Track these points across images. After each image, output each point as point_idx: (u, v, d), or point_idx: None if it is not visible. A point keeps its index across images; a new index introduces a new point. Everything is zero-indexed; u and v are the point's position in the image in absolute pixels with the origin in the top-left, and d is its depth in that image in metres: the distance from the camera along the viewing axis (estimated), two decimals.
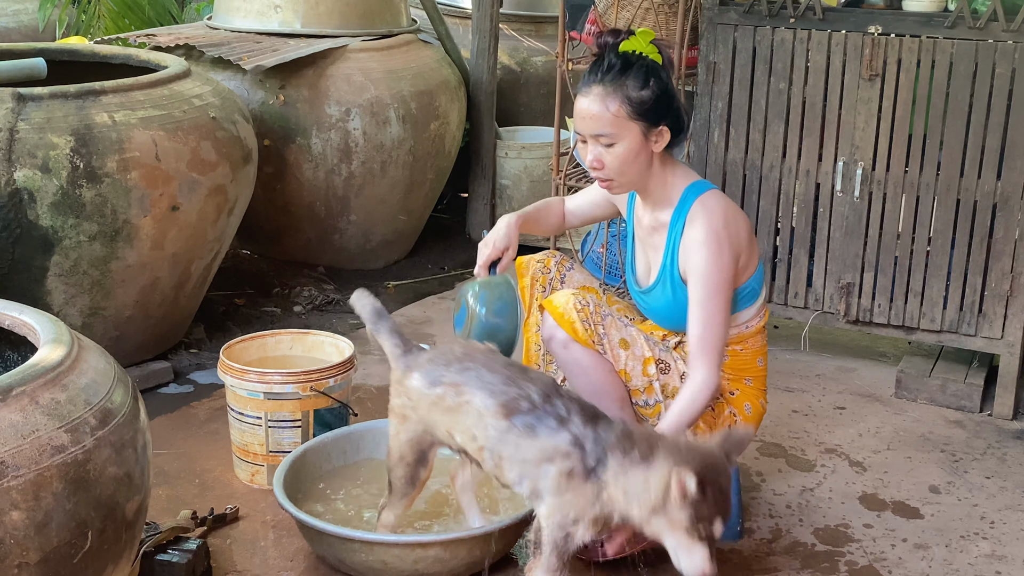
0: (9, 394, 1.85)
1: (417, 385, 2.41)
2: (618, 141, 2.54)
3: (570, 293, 2.62)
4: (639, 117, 2.53)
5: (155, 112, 3.39)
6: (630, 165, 2.57)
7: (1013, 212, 3.48)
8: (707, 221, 2.57)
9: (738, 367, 2.72)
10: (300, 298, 4.34)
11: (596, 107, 2.53)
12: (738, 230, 2.61)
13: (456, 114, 4.76)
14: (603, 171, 2.59)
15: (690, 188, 2.64)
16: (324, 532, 2.53)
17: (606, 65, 2.55)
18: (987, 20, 3.39)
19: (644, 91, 2.52)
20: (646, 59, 2.55)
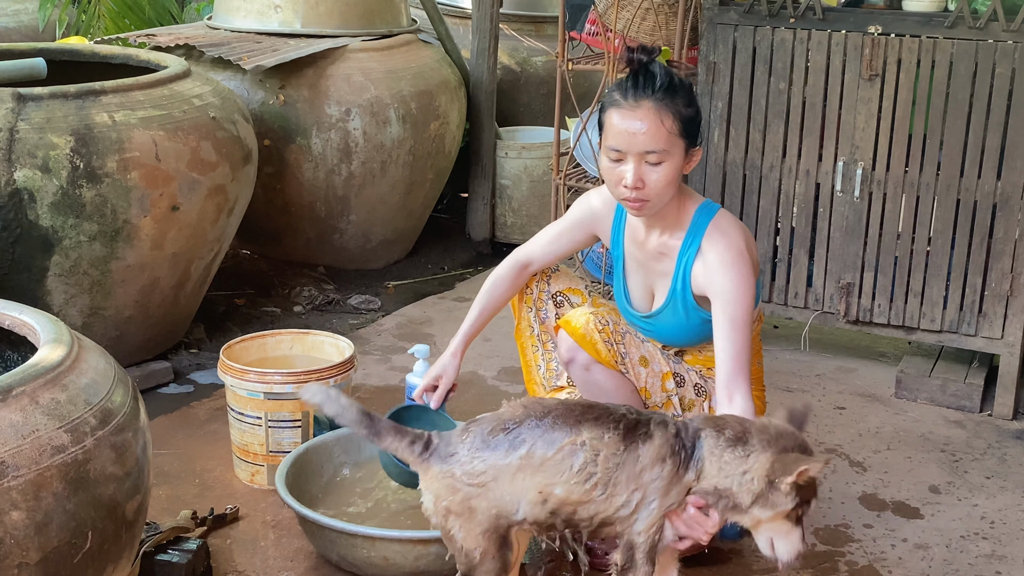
0: (9, 394, 1.85)
1: (486, 460, 2.11)
2: (667, 159, 2.40)
3: (588, 312, 2.57)
4: (686, 136, 2.42)
5: (155, 112, 3.39)
6: (671, 186, 2.44)
7: (1013, 212, 3.48)
8: (729, 243, 2.50)
9: None
10: (300, 298, 4.34)
11: (651, 121, 2.37)
12: (752, 247, 2.57)
13: (456, 114, 4.76)
14: (643, 191, 2.42)
15: (700, 210, 2.57)
16: (326, 527, 2.53)
17: (658, 80, 2.39)
18: (987, 20, 3.39)
19: (690, 108, 2.43)
20: (687, 79, 2.47)
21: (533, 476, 2.08)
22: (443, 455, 2.15)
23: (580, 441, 2.09)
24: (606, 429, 2.10)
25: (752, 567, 2.72)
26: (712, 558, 2.74)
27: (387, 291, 4.56)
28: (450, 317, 4.29)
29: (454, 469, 2.13)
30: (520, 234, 5.09)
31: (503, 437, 2.11)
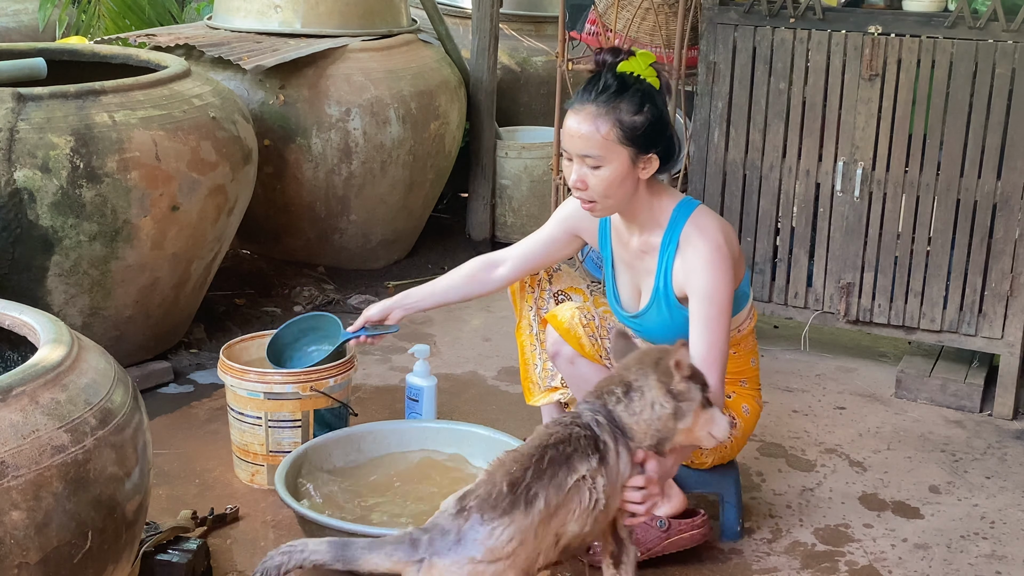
0: (9, 394, 1.85)
1: (510, 526, 1.98)
2: (605, 164, 2.45)
3: (575, 307, 2.59)
4: (629, 142, 2.44)
5: (155, 112, 3.39)
6: (615, 189, 2.48)
7: (1013, 212, 3.48)
8: (707, 240, 2.52)
9: (733, 370, 2.71)
10: (300, 298, 4.34)
11: (586, 127, 2.44)
12: (733, 243, 2.58)
13: (456, 114, 4.76)
14: (586, 192, 2.49)
15: (678, 208, 2.58)
16: (326, 527, 2.53)
17: (601, 85, 2.46)
18: (987, 20, 3.39)
19: (638, 116, 2.44)
20: (643, 83, 2.47)
21: (550, 523, 2.04)
22: (447, 545, 1.95)
23: (581, 476, 2.08)
24: (588, 456, 2.10)
25: (752, 567, 2.72)
26: (712, 558, 2.75)
27: (387, 291, 4.56)
28: (450, 317, 4.29)
29: (473, 553, 1.95)
30: (520, 234, 5.08)
31: (514, 498, 1.99)
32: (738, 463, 2.90)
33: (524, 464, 2.04)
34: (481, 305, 4.40)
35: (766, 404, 3.58)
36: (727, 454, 2.74)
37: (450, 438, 2.98)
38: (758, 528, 2.89)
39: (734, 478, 2.79)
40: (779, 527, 2.91)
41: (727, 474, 2.79)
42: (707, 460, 2.72)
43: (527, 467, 2.03)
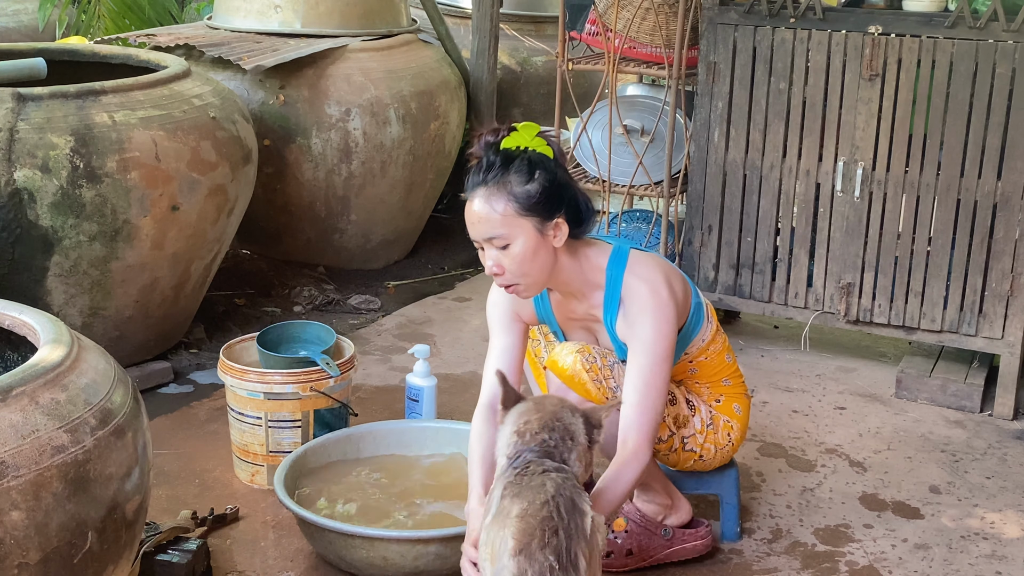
0: (9, 394, 1.85)
1: None
2: (512, 241, 2.39)
3: (575, 351, 2.52)
4: (528, 212, 2.38)
5: (155, 112, 3.39)
6: (530, 264, 2.39)
7: (1013, 212, 3.48)
8: (646, 290, 2.45)
9: (711, 373, 2.70)
10: (300, 298, 4.34)
11: (484, 209, 2.40)
12: (675, 287, 2.50)
13: (456, 114, 4.76)
14: (504, 276, 2.42)
15: (611, 263, 2.50)
16: (325, 528, 2.53)
17: (485, 164, 2.42)
18: (987, 20, 3.39)
19: (530, 185, 2.38)
20: (528, 152, 2.42)
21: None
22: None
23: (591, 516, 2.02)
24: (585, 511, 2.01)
25: (752, 567, 2.72)
26: (712, 558, 2.75)
27: (387, 291, 4.56)
28: (450, 317, 4.29)
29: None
30: None
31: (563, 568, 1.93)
32: (738, 464, 2.90)
33: (550, 526, 1.94)
34: (480, 305, 4.39)
35: (766, 404, 3.59)
36: (726, 457, 2.74)
37: (450, 438, 2.99)
38: (758, 528, 2.89)
39: (733, 479, 2.79)
40: (779, 527, 2.90)
41: (726, 475, 2.79)
42: (710, 466, 2.72)
43: (555, 528, 1.94)
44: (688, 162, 3.97)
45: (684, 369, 2.67)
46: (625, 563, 2.66)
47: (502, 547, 1.94)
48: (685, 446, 2.65)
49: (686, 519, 2.71)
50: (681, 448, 2.65)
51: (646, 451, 2.38)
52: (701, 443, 2.66)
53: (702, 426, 2.66)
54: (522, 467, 2.07)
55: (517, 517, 1.95)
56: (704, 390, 2.70)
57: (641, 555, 2.66)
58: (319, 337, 3.14)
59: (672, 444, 2.63)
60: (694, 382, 2.70)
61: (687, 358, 2.65)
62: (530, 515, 1.95)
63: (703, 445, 2.66)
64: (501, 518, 1.99)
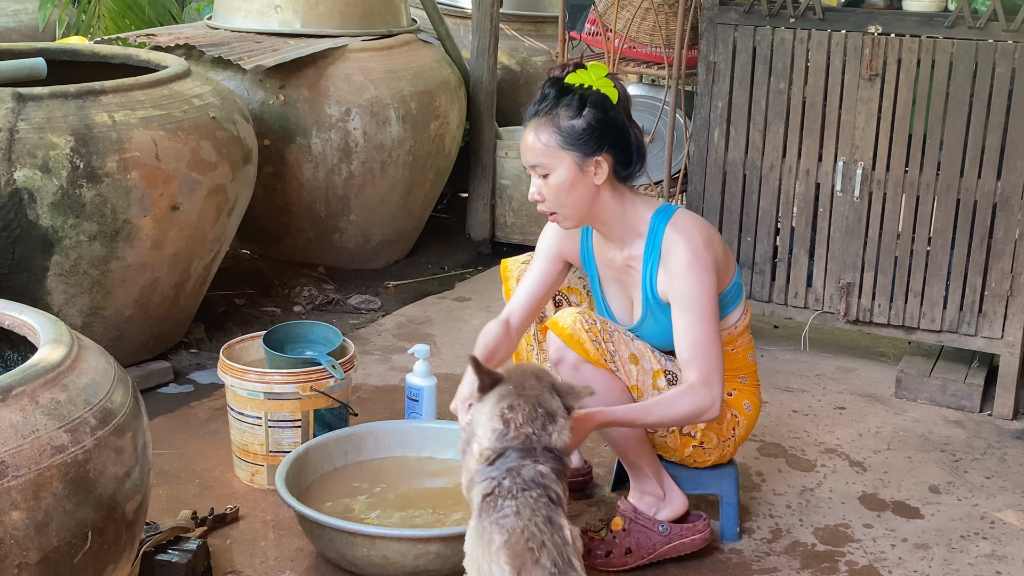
0: (9, 394, 1.85)
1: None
2: (551, 171, 2.49)
3: (575, 312, 2.56)
4: (570, 146, 2.47)
5: (155, 112, 3.39)
6: (566, 196, 2.51)
7: (1013, 212, 3.48)
8: (687, 246, 2.52)
9: (732, 367, 2.71)
10: (300, 298, 4.34)
11: (530, 137, 2.51)
12: (715, 246, 2.57)
13: (456, 114, 4.76)
14: (544, 203, 2.54)
15: (656, 215, 2.58)
16: (326, 526, 2.53)
17: (540, 96, 2.53)
18: (987, 20, 3.39)
19: (576, 120, 2.47)
20: (587, 89, 2.49)
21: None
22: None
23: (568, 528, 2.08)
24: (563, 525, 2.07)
25: (752, 567, 2.72)
26: (712, 558, 2.75)
27: (387, 291, 4.56)
28: (450, 317, 4.29)
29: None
30: (520, 234, 5.08)
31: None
32: (737, 463, 2.90)
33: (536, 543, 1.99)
34: (481, 305, 4.40)
35: (766, 404, 3.59)
36: (728, 453, 2.74)
37: (450, 438, 2.98)
38: (758, 528, 2.89)
39: (733, 478, 2.79)
40: (779, 527, 2.91)
41: (726, 475, 2.79)
42: (709, 458, 2.72)
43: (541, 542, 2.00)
44: (688, 162, 3.97)
45: None
46: (625, 561, 2.66)
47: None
48: (682, 429, 2.65)
49: (682, 511, 2.71)
50: (679, 430, 2.65)
51: (712, 399, 2.46)
52: (701, 428, 2.66)
53: None
54: (501, 475, 2.09)
55: (500, 548, 2.01)
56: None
57: (640, 552, 2.66)
58: (326, 338, 3.13)
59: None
60: None
61: None
62: (513, 542, 2.00)
63: (703, 431, 2.66)
64: (484, 544, 2.05)
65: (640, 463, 2.67)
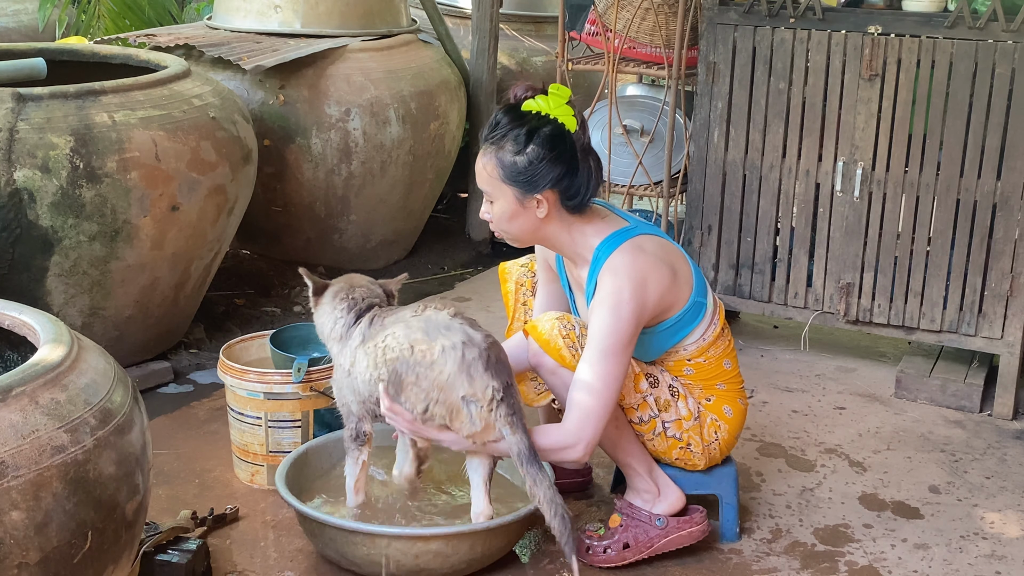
0: (9, 394, 1.85)
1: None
2: (495, 200, 2.53)
3: (554, 318, 2.57)
4: (510, 182, 2.48)
5: (155, 112, 3.39)
6: (507, 224, 2.54)
7: (1013, 212, 3.48)
8: (612, 287, 2.48)
9: (706, 376, 2.71)
10: (300, 298, 4.34)
11: (479, 164, 2.52)
12: (648, 290, 2.50)
13: (456, 114, 4.76)
14: (492, 225, 2.59)
15: (602, 246, 2.54)
16: (326, 525, 2.53)
17: (492, 123, 2.51)
18: (987, 20, 3.39)
19: (519, 156, 2.45)
20: (538, 119, 2.46)
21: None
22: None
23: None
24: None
25: (752, 567, 2.72)
26: (712, 558, 2.75)
27: None
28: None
29: None
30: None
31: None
32: (737, 463, 2.90)
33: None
34: (481, 305, 4.40)
35: (766, 404, 3.59)
36: (716, 456, 2.74)
37: None
38: (758, 528, 2.89)
39: (732, 479, 2.79)
40: (779, 527, 2.91)
41: (725, 475, 2.79)
42: (698, 462, 2.72)
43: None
44: (688, 162, 3.97)
45: (680, 368, 2.68)
46: (624, 556, 2.66)
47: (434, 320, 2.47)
48: (667, 431, 2.65)
49: (678, 506, 2.71)
50: (663, 433, 2.65)
51: (581, 448, 2.47)
52: (687, 429, 2.66)
53: (688, 414, 2.66)
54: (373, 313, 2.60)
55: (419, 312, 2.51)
56: (696, 390, 2.70)
57: (638, 547, 2.67)
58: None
59: (655, 427, 2.64)
60: (687, 382, 2.70)
61: (685, 356, 2.66)
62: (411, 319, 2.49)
63: (688, 432, 2.67)
64: (401, 324, 2.50)
65: (630, 461, 2.68)
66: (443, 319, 2.47)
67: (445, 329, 2.44)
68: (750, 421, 3.40)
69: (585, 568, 2.67)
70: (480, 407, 2.41)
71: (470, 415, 2.42)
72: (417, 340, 2.43)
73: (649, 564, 2.69)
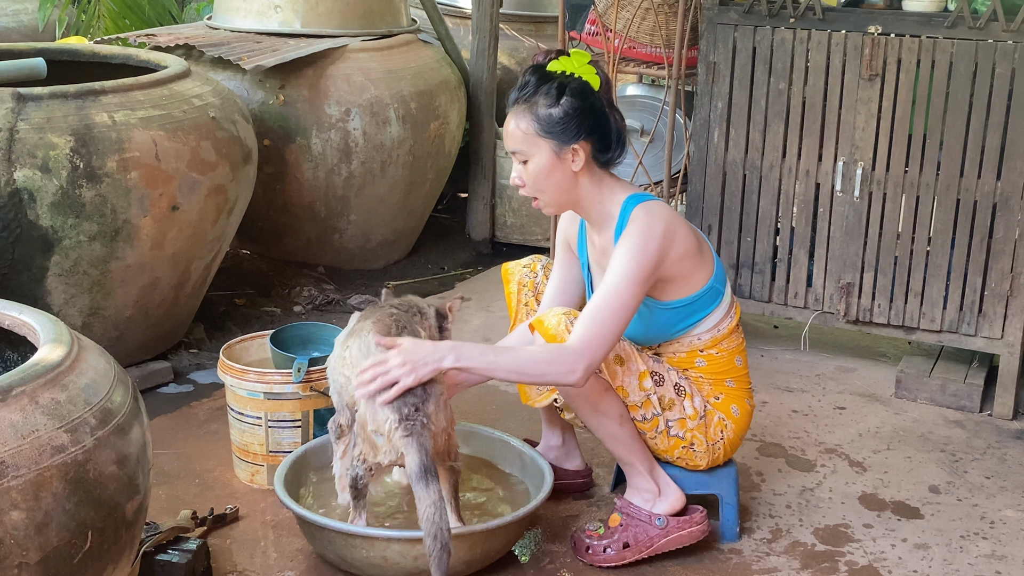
0: (9, 394, 1.85)
1: None
2: (530, 158, 2.55)
3: (561, 313, 2.57)
4: (547, 134, 2.52)
5: (155, 112, 3.39)
6: (545, 182, 2.57)
7: (1013, 212, 3.48)
8: (641, 221, 2.53)
9: (717, 370, 2.71)
10: (300, 298, 4.34)
11: (511, 124, 2.56)
12: (674, 234, 2.54)
13: (456, 114, 4.76)
14: (525, 188, 2.61)
15: (629, 199, 2.59)
16: (325, 528, 2.53)
17: (521, 83, 2.57)
18: (987, 20, 3.39)
19: (554, 108, 2.52)
20: (567, 77, 2.53)
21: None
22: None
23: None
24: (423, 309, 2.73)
25: (752, 567, 2.72)
26: (712, 558, 2.75)
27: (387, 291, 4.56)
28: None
29: None
30: (520, 234, 5.08)
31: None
32: (737, 463, 2.90)
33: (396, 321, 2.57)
34: (481, 305, 4.40)
35: (766, 404, 3.59)
36: (719, 456, 2.74)
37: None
38: (758, 528, 2.89)
39: (732, 479, 2.79)
40: (779, 527, 2.91)
41: (725, 475, 2.79)
42: (700, 462, 2.72)
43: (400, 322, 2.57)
44: (688, 162, 3.97)
45: (692, 360, 2.68)
46: (623, 556, 2.66)
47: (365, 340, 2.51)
48: (670, 430, 2.65)
49: (678, 506, 2.71)
50: (666, 432, 2.65)
51: (583, 358, 2.43)
52: (691, 429, 2.66)
53: (694, 413, 2.66)
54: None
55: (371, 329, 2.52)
56: (705, 386, 2.70)
57: (638, 546, 2.67)
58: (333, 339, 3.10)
59: (657, 425, 2.64)
60: (697, 375, 2.70)
61: (698, 346, 2.66)
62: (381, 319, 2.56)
63: (692, 432, 2.67)
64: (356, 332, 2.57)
65: (632, 459, 2.68)
66: (370, 343, 2.50)
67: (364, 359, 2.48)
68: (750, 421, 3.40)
69: (585, 567, 2.67)
70: (384, 438, 2.40)
71: (383, 448, 2.42)
72: (349, 375, 2.53)
73: (649, 564, 2.69)
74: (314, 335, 3.16)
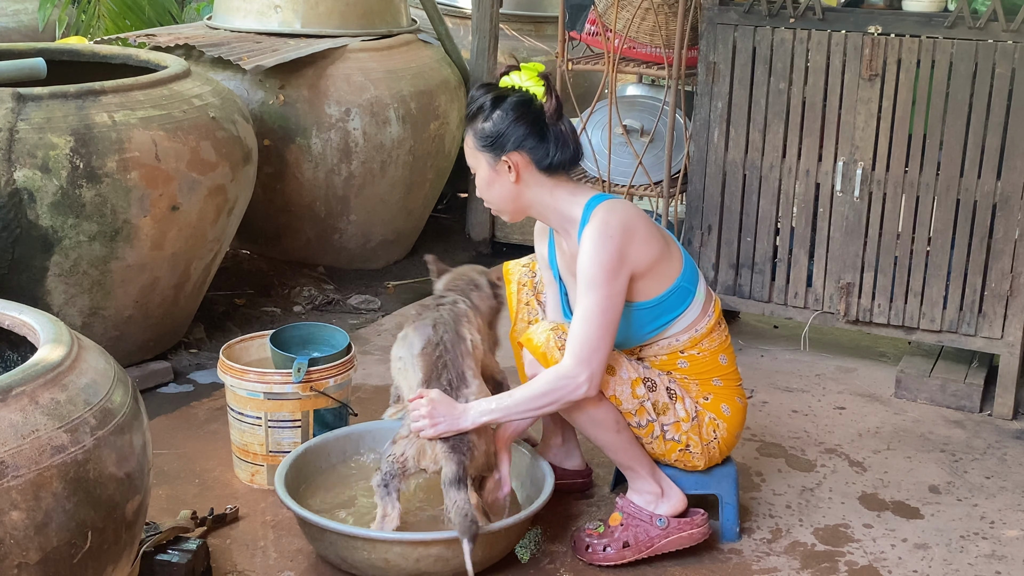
0: (9, 394, 1.85)
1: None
2: (476, 171, 2.66)
3: (549, 329, 2.58)
4: (482, 148, 2.61)
5: (155, 112, 3.39)
6: (487, 192, 2.64)
7: (1013, 212, 3.48)
8: (600, 218, 2.54)
9: (701, 370, 2.71)
10: (300, 298, 4.34)
11: (465, 141, 2.67)
12: (634, 230, 2.55)
13: (456, 114, 4.76)
14: (485, 201, 2.69)
15: (591, 200, 2.61)
16: (326, 529, 2.53)
17: (468, 99, 2.68)
18: (987, 20, 3.39)
19: (486, 123, 2.59)
20: (505, 91, 2.60)
21: None
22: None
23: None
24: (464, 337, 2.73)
25: (752, 567, 2.72)
26: (712, 558, 2.75)
27: (387, 291, 4.56)
28: None
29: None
30: (520, 234, 5.08)
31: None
32: (737, 463, 2.90)
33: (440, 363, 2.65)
34: None
35: (766, 404, 3.59)
36: (716, 456, 2.74)
37: None
38: (758, 528, 2.89)
39: (732, 479, 2.79)
40: (779, 527, 2.91)
41: (725, 475, 2.79)
42: (698, 463, 2.72)
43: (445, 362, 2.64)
44: (688, 162, 3.97)
45: (673, 361, 2.68)
46: (623, 555, 2.67)
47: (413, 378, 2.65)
48: (666, 434, 2.66)
49: (680, 507, 2.71)
50: (662, 436, 2.65)
51: (579, 373, 2.49)
52: (685, 431, 2.66)
53: (686, 415, 2.66)
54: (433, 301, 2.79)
55: (419, 355, 2.65)
56: (692, 387, 2.70)
57: (638, 546, 2.67)
58: (333, 339, 3.12)
59: (652, 431, 2.64)
60: (682, 376, 2.70)
61: (677, 347, 2.66)
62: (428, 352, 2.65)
63: (687, 434, 2.67)
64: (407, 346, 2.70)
65: (633, 464, 2.68)
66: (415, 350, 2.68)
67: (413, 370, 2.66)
68: (750, 421, 3.40)
69: (585, 567, 2.67)
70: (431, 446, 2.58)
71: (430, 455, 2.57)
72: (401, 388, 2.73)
73: (649, 564, 2.69)
74: (314, 335, 3.16)
